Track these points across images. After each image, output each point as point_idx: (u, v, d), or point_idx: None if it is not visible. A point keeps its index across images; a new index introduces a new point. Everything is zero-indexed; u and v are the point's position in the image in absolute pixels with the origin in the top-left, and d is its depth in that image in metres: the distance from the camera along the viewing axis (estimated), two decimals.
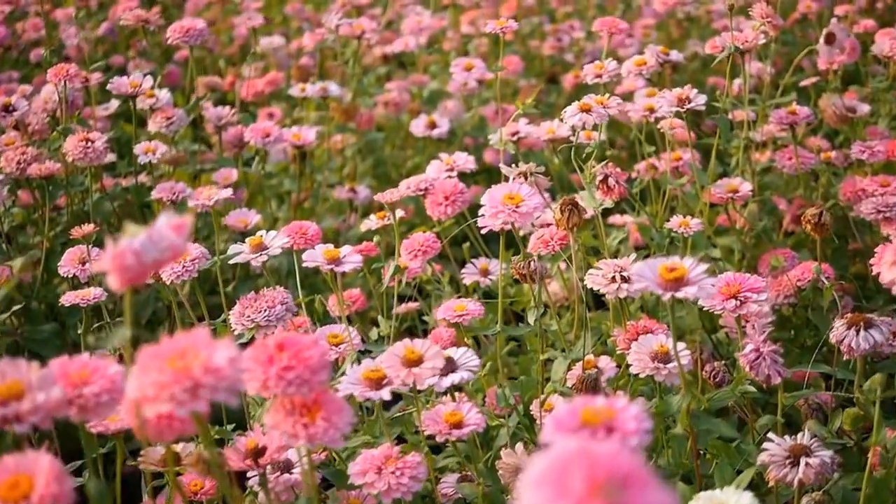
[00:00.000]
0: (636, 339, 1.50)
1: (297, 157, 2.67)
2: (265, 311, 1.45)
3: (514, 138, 2.21)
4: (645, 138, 2.25)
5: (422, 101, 3.11)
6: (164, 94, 2.43)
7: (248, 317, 1.45)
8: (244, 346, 1.47)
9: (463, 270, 1.97)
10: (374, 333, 1.84)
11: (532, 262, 1.64)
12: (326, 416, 1.01)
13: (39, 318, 2.18)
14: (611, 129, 3.05)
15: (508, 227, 1.42)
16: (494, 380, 1.82)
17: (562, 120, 1.76)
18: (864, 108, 2.53)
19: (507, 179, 1.76)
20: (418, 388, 1.24)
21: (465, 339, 1.72)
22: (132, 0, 3.90)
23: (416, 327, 2.13)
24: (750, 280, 1.44)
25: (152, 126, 2.41)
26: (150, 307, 2.24)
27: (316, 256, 1.37)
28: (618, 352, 1.59)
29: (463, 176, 2.09)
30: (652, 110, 2.04)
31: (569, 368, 1.59)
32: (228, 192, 1.93)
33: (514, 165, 1.78)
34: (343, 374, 1.37)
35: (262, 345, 1.00)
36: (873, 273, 1.29)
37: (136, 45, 3.59)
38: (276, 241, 1.49)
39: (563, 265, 1.96)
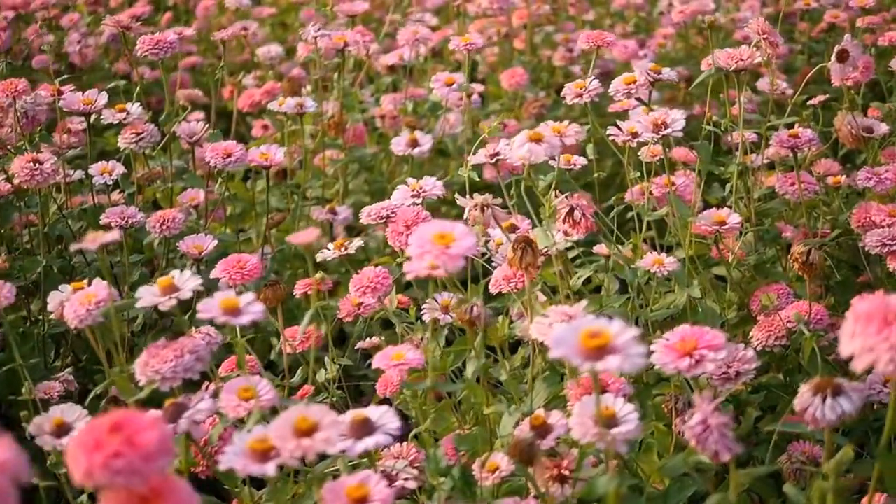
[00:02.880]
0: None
1: (277, 174, 2.55)
2: (171, 361, 1.31)
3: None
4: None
5: (419, 114, 2.96)
6: (136, 109, 2.31)
7: (153, 368, 1.32)
8: (144, 403, 1.34)
9: (424, 305, 1.83)
10: (321, 375, 1.70)
11: (475, 308, 1.49)
12: None
13: None
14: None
15: (438, 271, 1.28)
16: (464, 422, 1.69)
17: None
18: (883, 128, 2.36)
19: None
20: (307, 460, 1.10)
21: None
22: (139, 6, 3.83)
23: None
24: (708, 335, 1.28)
25: (122, 142, 2.29)
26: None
27: (211, 307, 1.24)
28: (569, 408, 1.44)
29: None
30: (635, 134, 1.89)
31: (518, 423, 1.44)
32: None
33: (469, 196, 1.64)
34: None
35: (93, 426, 0.87)
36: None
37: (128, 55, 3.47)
38: (189, 283, 1.35)
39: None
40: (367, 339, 1.95)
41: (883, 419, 1.36)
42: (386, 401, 1.61)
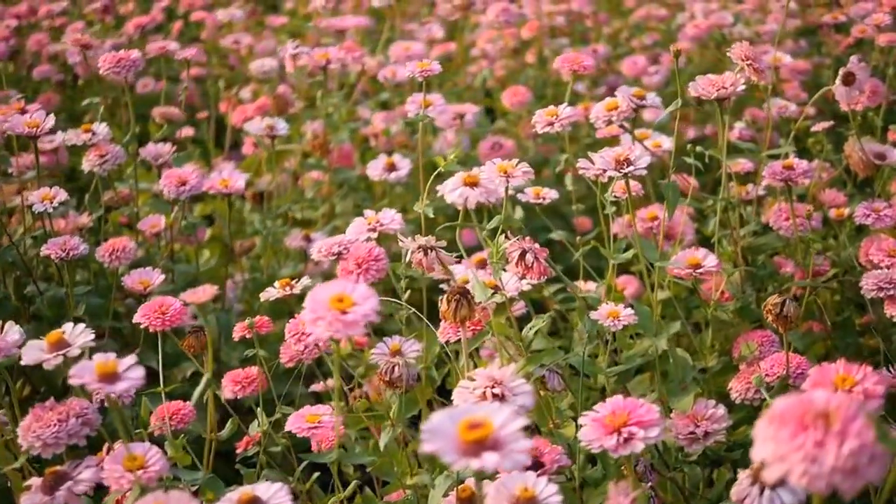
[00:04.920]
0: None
1: (254, 197, 2.43)
2: (54, 426, 1.20)
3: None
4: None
5: (413, 133, 2.84)
6: (102, 129, 2.21)
7: (34, 433, 1.20)
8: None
9: (374, 350, 1.69)
10: (253, 427, 1.58)
11: (396, 367, 1.36)
12: None
13: None
14: None
15: (338, 335, 1.14)
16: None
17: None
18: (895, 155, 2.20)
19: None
20: None
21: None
22: (144, 17, 3.74)
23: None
24: (641, 409, 1.14)
25: (86, 165, 2.19)
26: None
27: (85, 372, 1.12)
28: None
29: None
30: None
31: (447, 493, 1.31)
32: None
33: (411, 238, 1.51)
34: None
35: None
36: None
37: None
38: (80, 338, 1.23)
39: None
40: (321, 382, 1.84)
41: None
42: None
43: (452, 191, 1.37)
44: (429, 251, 1.50)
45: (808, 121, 2.39)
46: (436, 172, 1.73)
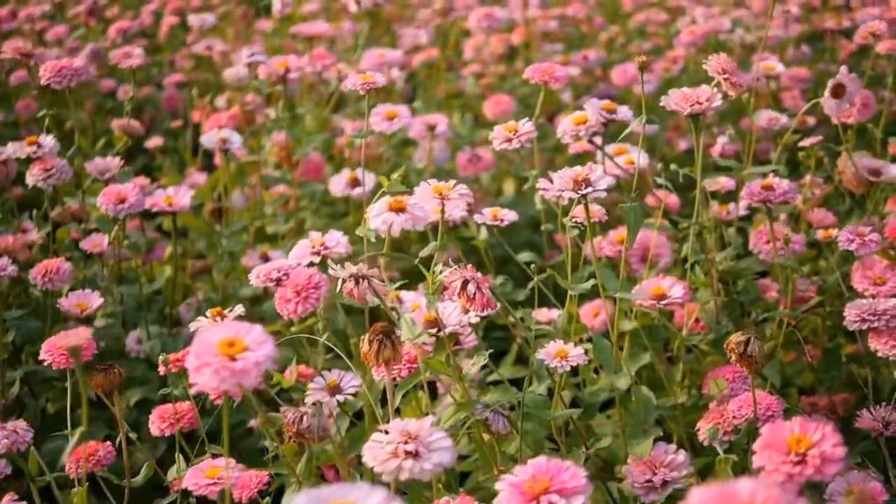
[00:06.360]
0: None
1: (212, 213, 2.31)
2: None
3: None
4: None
5: (391, 145, 2.71)
6: (49, 142, 2.09)
7: None
8: None
9: (311, 385, 1.56)
10: (171, 473, 1.46)
11: (305, 418, 1.23)
12: None
13: None
14: None
15: (226, 386, 1.02)
16: None
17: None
18: (892, 171, 2.05)
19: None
20: None
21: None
22: (125, 21, 3.62)
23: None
24: (564, 474, 1.01)
25: (29, 179, 2.08)
26: None
27: None
28: None
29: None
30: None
31: None
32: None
33: (340, 266, 1.39)
34: None
35: None
36: None
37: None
38: None
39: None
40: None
41: None
42: None
43: (376, 216, 1.24)
44: (360, 280, 1.37)
45: (804, 133, 2.26)
46: (379, 193, 1.60)
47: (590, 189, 1.45)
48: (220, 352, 1.01)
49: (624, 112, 1.83)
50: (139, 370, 2.01)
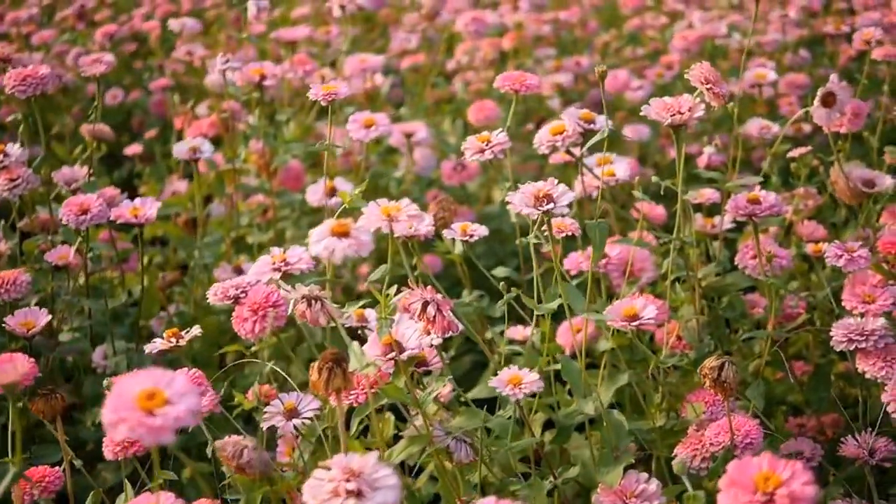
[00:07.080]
0: None
1: (186, 223, 2.24)
2: None
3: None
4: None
5: (377, 153, 2.64)
6: (16, 150, 2.02)
7: None
8: None
9: (267, 408, 1.49)
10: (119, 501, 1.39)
11: (245, 451, 1.16)
12: None
13: None
14: None
15: (145, 442, 0.95)
16: None
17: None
18: (886, 182, 1.98)
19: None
20: None
21: None
22: (112, 26, 3.56)
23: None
24: None
25: None
26: None
27: None
28: None
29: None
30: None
31: None
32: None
33: (293, 287, 1.32)
34: None
35: None
36: None
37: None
38: None
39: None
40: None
41: None
42: None
43: (317, 242, 1.16)
44: (313, 302, 1.30)
45: (799, 142, 2.19)
46: (340, 209, 1.53)
47: (551, 205, 1.38)
48: (137, 405, 0.93)
49: (602, 121, 1.75)
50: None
